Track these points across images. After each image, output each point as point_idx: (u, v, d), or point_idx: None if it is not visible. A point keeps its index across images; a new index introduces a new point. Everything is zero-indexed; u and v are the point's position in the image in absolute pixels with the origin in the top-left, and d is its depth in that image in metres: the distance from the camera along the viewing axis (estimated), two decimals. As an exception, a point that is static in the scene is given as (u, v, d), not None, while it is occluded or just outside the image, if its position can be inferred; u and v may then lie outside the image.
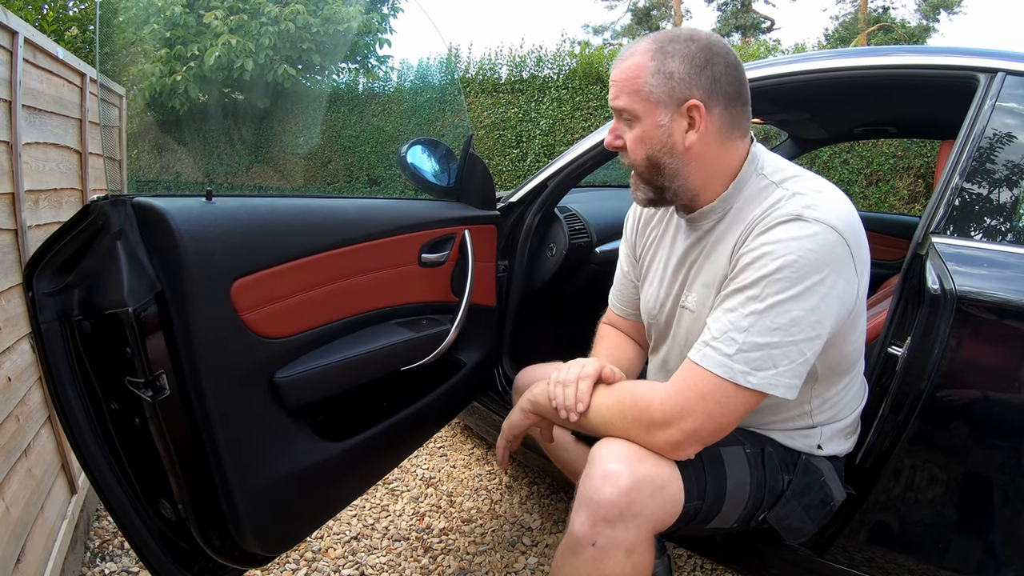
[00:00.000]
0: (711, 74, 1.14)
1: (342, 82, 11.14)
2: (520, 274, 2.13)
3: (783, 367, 1.08)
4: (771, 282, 1.07)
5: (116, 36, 7.94)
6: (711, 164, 1.21)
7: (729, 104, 1.17)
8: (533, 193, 2.09)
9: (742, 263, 1.13)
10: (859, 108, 2.36)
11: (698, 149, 1.18)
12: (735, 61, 1.17)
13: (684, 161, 1.19)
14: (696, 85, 1.14)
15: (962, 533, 1.35)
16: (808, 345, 1.09)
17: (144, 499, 1.29)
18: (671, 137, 1.17)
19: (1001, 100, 1.40)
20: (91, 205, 1.13)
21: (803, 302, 1.07)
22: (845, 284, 1.10)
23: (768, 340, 1.08)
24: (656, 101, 1.16)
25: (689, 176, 1.21)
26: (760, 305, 1.08)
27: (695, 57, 1.14)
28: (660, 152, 1.19)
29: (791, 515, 1.29)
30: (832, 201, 1.14)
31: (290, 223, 1.38)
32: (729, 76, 1.16)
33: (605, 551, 1.12)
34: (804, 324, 1.07)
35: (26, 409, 1.68)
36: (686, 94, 1.14)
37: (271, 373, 1.31)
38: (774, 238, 1.10)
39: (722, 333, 1.11)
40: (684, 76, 1.14)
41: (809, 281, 1.06)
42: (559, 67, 8.83)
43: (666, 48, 1.15)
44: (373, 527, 2.18)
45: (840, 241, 1.08)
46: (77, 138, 2.43)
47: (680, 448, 1.14)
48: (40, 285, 1.19)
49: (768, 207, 1.15)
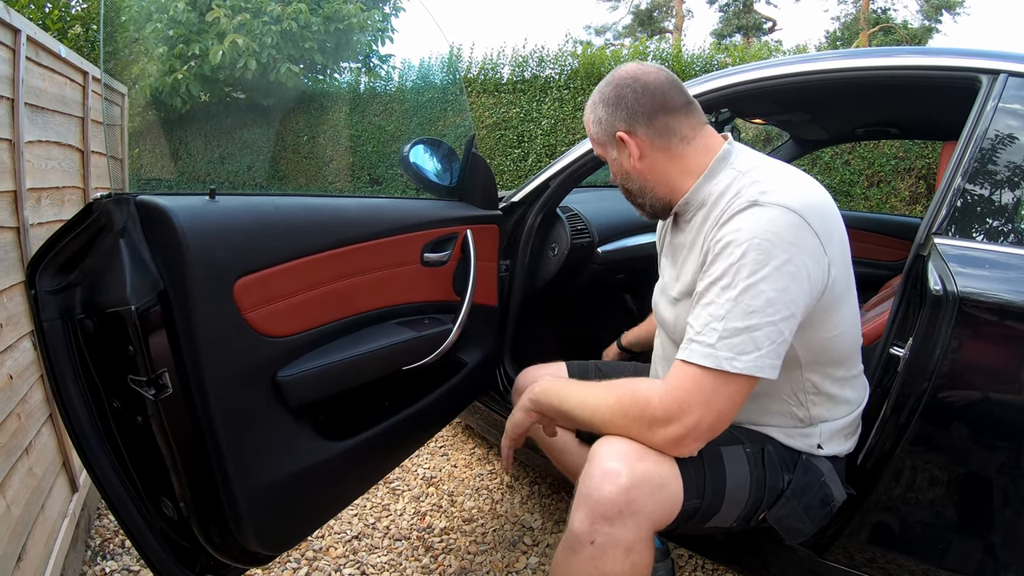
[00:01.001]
0: (624, 105, 1.30)
1: (344, 81, 11.14)
2: (522, 274, 2.13)
3: (765, 348, 1.11)
4: (739, 268, 1.12)
5: (119, 34, 7.94)
6: (665, 171, 1.33)
7: (651, 119, 1.30)
8: (535, 193, 2.09)
9: (710, 257, 1.18)
10: (861, 109, 2.36)
11: (644, 166, 1.33)
12: (644, 84, 1.30)
13: (642, 179, 1.35)
14: (617, 119, 1.32)
15: (963, 534, 1.35)
16: (785, 324, 1.12)
17: (146, 497, 1.29)
18: (622, 166, 1.36)
19: (1003, 101, 1.40)
20: (94, 203, 1.13)
21: (774, 282, 1.10)
22: (813, 262, 1.13)
23: (747, 323, 1.10)
24: (602, 143, 1.38)
25: (653, 187, 1.35)
26: (734, 291, 1.12)
27: (608, 98, 1.33)
28: (623, 180, 1.39)
29: (791, 515, 1.29)
30: (790, 185, 1.18)
31: (293, 222, 1.38)
32: (639, 99, 1.29)
33: (604, 549, 1.13)
34: (779, 304, 1.10)
35: (27, 407, 1.69)
36: (612, 129, 1.33)
37: (273, 372, 1.31)
38: (735, 227, 1.15)
39: (703, 326, 1.14)
40: (606, 116, 1.33)
41: (776, 261, 1.10)
42: (561, 67, 8.83)
43: (593, 99, 1.36)
44: (374, 526, 2.18)
45: (800, 221, 1.12)
46: (79, 136, 2.43)
47: (682, 444, 1.15)
48: (43, 283, 1.19)
49: (731, 197, 1.21)
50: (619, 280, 2.55)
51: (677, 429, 1.13)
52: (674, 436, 1.14)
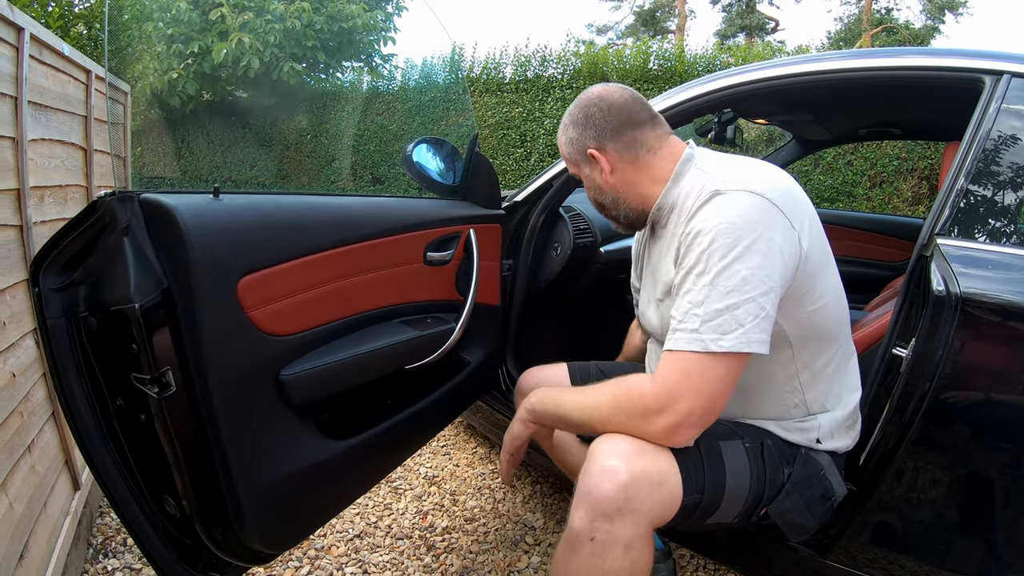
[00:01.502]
0: (592, 124, 1.37)
1: (347, 80, 11.15)
2: (524, 273, 2.13)
3: (749, 323, 1.12)
4: (711, 253, 1.15)
5: (122, 33, 7.95)
6: (636, 182, 1.38)
7: (618, 135, 1.36)
8: (538, 192, 2.09)
9: (682, 250, 1.21)
10: (863, 109, 2.36)
11: (615, 179, 1.39)
12: (609, 102, 1.36)
13: (614, 191, 1.40)
14: (587, 137, 1.38)
15: (965, 534, 1.35)
16: (765, 299, 1.13)
17: (148, 495, 1.29)
18: (595, 181, 1.42)
19: (1007, 102, 1.40)
20: (98, 201, 1.13)
21: (746, 261, 1.12)
22: (783, 237, 1.16)
23: (726, 303, 1.12)
24: (575, 162, 1.44)
25: (626, 198, 1.40)
26: (708, 276, 1.14)
27: (576, 119, 1.39)
28: (596, 195, 1.45)
29: (792, 509, 1.29)
30: (749, 172, 1.23)
31: (297, 221, 1.38)
32: (606, 116, 1.36)
33: (604, 546, 1.13)
34: (755, 280, 1.12)
35: (30, 405, 1.69)
36: (583, 147, 1.39)
37: (276, 370, 1.31)
38: (701, 217, 1.18)
39: (684, 314, 1.16)
40: (577, 136, 1.40)
41: (745, 241, 1.13)
42: (563, 67, 8.83)
43: (565, 121, 1.43)
44: (376, 525, 2.19)
45: (763, 201, 1.16)
46: (82, 135, 2.43)
47: (678, 433, 1.16)
48: (46, 281, 1.19)
49: (697, 193, 1.24)
50: (621, 280, 2.54)
51: (671, 417, 1.14)
52: (669, 425, 1.15)
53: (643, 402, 1.16)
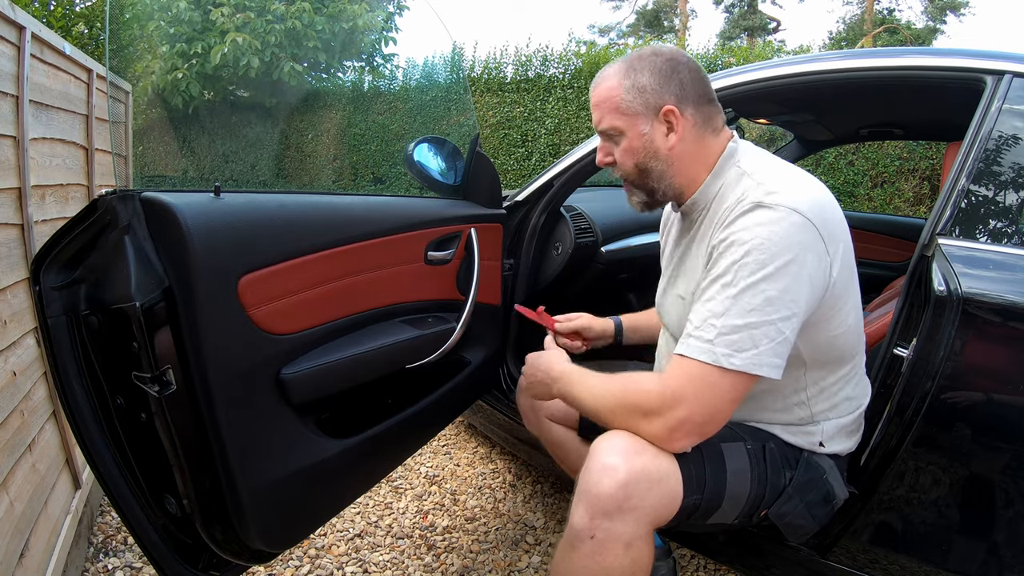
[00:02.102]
0: (678, 80, 1.25)
1: (348, 80, 11.15)
2: (525, 273, 2.13)
3: (764, 346, 1.10)
4: (741, 267, 1.12)
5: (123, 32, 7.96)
6: (691, 162, 1.30)
7: (699, 104, 1.27)
8: (539, 192, 2.09)
9: (714, 255, 1.18)
10: (865, 110, 2.35)
11: (679, 150, 1.28)
12: (696, 67, 1.28)
13: (668, 163, 1.29)
14: (667, 92, 1.25)
15: (966, 535, 1.35)
16: (785, 324, 1.11)
17: (149, 494, 1.29)
18: (654, 143, 1.28)
19: (1008, 102, 1.39)
20: (99, 200, 1.13)
21: (775, 282, 1.10)
22: (816, 263, 1.13)
23: (746, 321, 1.10)
24: (634, 114, 1.26)
25: (674, 176, 1.30)
26: (734, 289, 1.12)
27: (662, 68, 1.25)
28: (647, 158, 1.29)
29: (792, 512, 1.29)
30: (796, 186, 1.18)
31: (298, 220, 1.38)
32: (694, 80, 1.26)
33: (604, 544, 1.13)
34: (779, 303, 1.10)
35: (31, 404, 1.69)
36: (660, 102, 1.25)
37: (277, 369, 1.31)
38: (740, 226, 1.15)
39: (702, 321, 1.14)
40: (655, 87, 1.25)
41: (779, 262, 1.10)
42: (565, 67, 8.83)
43: (634, 65, 1.26)
44: (377, 524, 2.19)
45: (805, 223, 1.12)
46: (83, 134, 2.43)
47: (673, 437, 1.15)
48: (47, 279, 1.19)
49: (737, 197, 1.20)
50: (622, 280, 2.55)
51: (667, 421, 1.14)
52: (664, 428, 1.14)
53: (646, 400, 1.16)
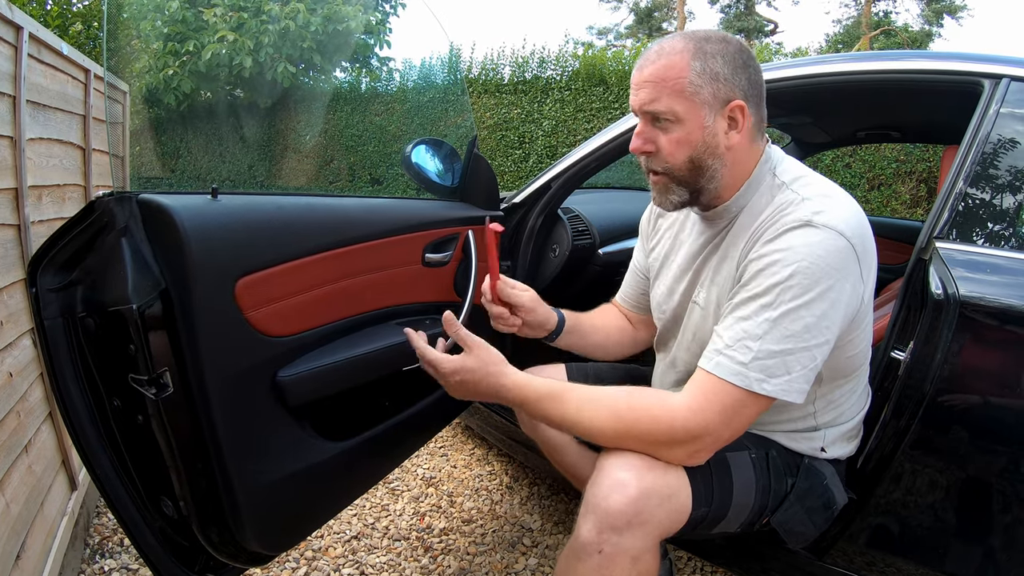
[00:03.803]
0: (748, 75, 1.17)
1: (344, 81, 11.14)
2: (523, 275, 2.13)
3: (796, 372, 1.09)
4: (784, 289, 1.08)
5: (120, 33, 7.94)
6: (740, 164, 1.22)
7: (759, 105, 1.20)
8: (537, 194, 2.09)
9: (752, 269, 1.13)
10: (863, 112, 2.36)
11: (735, 147, 1.20)
12: (759, 64, 1.20)
13: (723, 162, 1.20)
14: (738, 86, 1.15)
15: (963, 538, 1.35)
16: (819, 351, 1.10)
17: (145, 496, 1.29)
18: (715, 138, 1.18)
19: (1005, 106, 1.40)
20: (96, 201, 1.13)
21: (814, 308, 1.07)
22: (852, 289, 1.11)
23: (783, 347, 1.08)
24: (702, 102, 1.15)
25: (724, 176, 1.22)
26: (774, 313, 1.09)
27: (735, 58, 1.15)
28: (704, 154, 1.19)
29: (793, 518, 1.29)
30: (841, 206, 1.14)
31: (295, 222, 1.38)
32: (759, 78, 1.19)
33: (611, 558, 1.12)
34: (816, 330, 1.08)
35: (27, 405, 1.68)
36: (730, 95, 1.15)
37: (274, 372, 1.31)
38: (785, 244, 1.10)
39: (736, 341, 1.11)
40: (728, 76, 1.14)
41: (820, 287, 1.07)
42: (562, 68, 8.83)
43: (705, 48, 1.14)
44: (373, 526, 2.18)
45: (848, 247, 1.09)
46: (81, 134, 2.43)
47: (695, 458, 1.15)
48: (44, 281, 1.19)
49: (776, 210, 1.16)
50: (619, 282, 2.55)
51: (697, 446, 1.12)
52: (691, 452, 1.13)
53: (670, 432, 1.12)
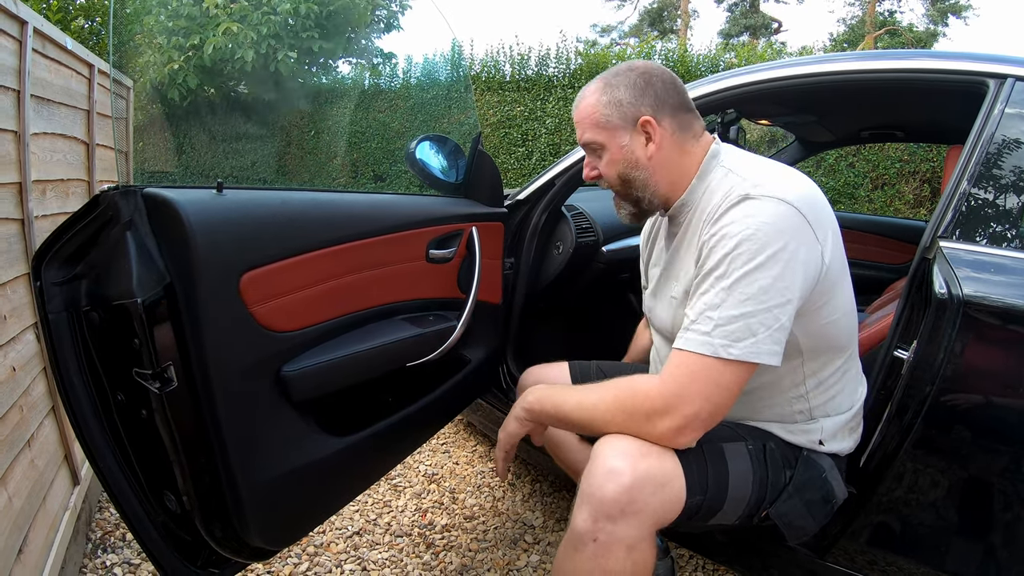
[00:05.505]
0: (653, 92, 1.30)
1: (348, 77, 11.14)
2: (526, 272, 2.13)
3: (762, 334, 1.12)
4: (733, 258, 1.14)
5: (124, 27, 7.95)
6: (673, 167, 1.33)
7: (675, 113, 1.31)
8: (540, 191, 2.09)
9: (705, 251, 1.20)
10: (867, 112, 2.36)
11: (659, 157, 1.32)
12: (670, 77, 1.33)
13: (650, 171, 1.33)
14: (643, 104, 1.30)
15: (965, 537, 1.36)
16: (781, 311, 1.13)
17: (148, 491, 1.29)
18: (634, 153, 1.32)
19: (1010, 106, 1.40)
20: (101, 195, 1.13)
21: (768, 270, 1.12)
22: (807, 250, 1.15)
23: (742, 311, 1.12)
24: (612, 128, 1.32)
25: (658, 183, 1.34)
26: (727, 281, 1.14)
27: (636, 82, 1.30)
28: (628, 168, 1.34)
29: (793, 511, 1.29)
30: (781, 178, 1.21)
31: (300, 217, 1.38)
32: (668, 90, 1.31)
33: (607, 547, 1.14)
34: (773, 291, 1.12)
35: (30, 400, 1.69)
36: (636, 113, 1.30)
37: (278, 367, 1.31)
38: (728, 220, 1.17)
39: (698, 315, 1.16)
40: (631, 100, 1.30)
41: (769, 250, 1.12)
42: (565, 65, 8.83)
43: (610, 82, 1.33)
44: (375, 522, 2.19)
45: (792, 211, 1.14)
46: (84, 129, 2.43)
47: (682, 435, 1.16)
48: (48, 275, 1.19)
49: (724, 194, 1.22)
50: (623, 279, 2.55)
51: (676, 419, 1.14)
52: (673, 427, 1.15)
53: (648, 403, 1.16)
